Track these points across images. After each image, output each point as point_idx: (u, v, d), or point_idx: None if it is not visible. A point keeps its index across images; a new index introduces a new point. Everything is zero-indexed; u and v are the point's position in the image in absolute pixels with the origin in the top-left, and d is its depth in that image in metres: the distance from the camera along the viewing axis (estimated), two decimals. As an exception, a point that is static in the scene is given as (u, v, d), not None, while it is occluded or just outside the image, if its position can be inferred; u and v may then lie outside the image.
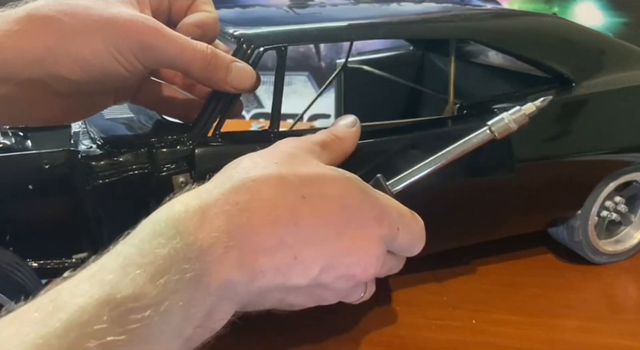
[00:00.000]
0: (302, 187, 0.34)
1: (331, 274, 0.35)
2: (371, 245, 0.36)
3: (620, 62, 0.53)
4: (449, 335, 0.45)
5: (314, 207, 0.34)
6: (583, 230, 0.51)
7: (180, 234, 0.30)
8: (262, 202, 0.33)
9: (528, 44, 0.50)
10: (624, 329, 0.45)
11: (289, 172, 0.34)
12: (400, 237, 0.38)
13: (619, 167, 0.50)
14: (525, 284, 0.51)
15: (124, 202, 0.40)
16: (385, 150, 0.44)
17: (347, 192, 0.35)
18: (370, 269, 0.36)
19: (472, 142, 0.42)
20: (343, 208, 0.35)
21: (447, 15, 0.52)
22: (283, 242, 0.33)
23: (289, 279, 0.33)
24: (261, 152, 0.37)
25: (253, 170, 0.34)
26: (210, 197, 0.32)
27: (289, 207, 0.33)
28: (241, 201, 0.32)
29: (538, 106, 0.43)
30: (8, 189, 0.40)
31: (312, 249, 0.34)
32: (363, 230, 0.35)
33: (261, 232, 0.32)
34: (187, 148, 0.41)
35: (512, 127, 0.42)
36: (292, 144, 0.38)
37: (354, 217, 0.35)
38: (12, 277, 0.38)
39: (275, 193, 0.33)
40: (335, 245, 0.34)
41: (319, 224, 0.34)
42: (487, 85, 0.57)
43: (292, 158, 0.36)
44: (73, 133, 0.44)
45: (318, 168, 0.36)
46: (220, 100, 0.42)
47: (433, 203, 0.43)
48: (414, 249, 0.40)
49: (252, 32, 0.43)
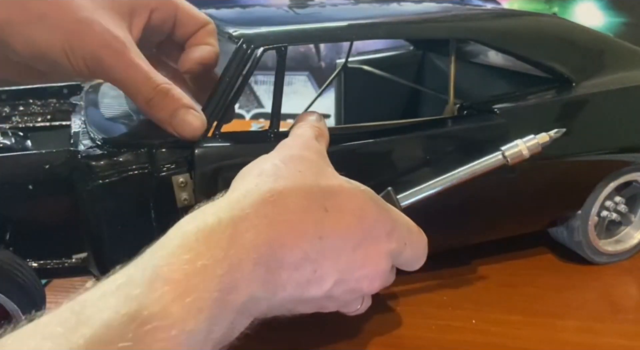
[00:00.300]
0: (324, 199, 0.34)
1: (342, 287, 0.35)
2: (381, 260, 0.36)
3: (620, 62, 0.53)
4: (449, 335, 0.45)
5: (335, 221, 0.34)
6: (583, 230, 0.51)
7: (210, 250, 0.30)
8: (290, 216, 0.33)
9: (528, 44, 0.50)
10: (624, 329, 0.45)
11: (313, 183, 0.35)
12: (407, 252, 0.38)
13: (619, 167, 0.50)
14: (526, 284, 0.51)
15: (124, 202, 0.40)
16: (385, 151, 0.44)
17: (364, 206, 0.36)
18: (376, 282, 0.37)
19: (484, 165, 0.43)
20: (360, 222, 0.35)
21: (447, 15, 0.52)
22: (307, 256, 0.33)
23: (306, 292, 0.34)
24: (279, 154, 0.37)
25: (279, 180, 0.34)
26: (240, 209, 0.32)
27: (313, 220, 0.34)
28: (270, 214, 0.32)
29: (552, 137, 0.43)
30: (8, 189, 0.40)
31: (330, 262, 0.34)
32: (376, 244, 0.36)
33: (288, 247, 0.32)
34: (187, 148, 0.41)
35: (525, 155, 0.43)
36: (304, 146, 0.38)
37: (369, 231, 0.36)
38: (12, 277, 0.38)
39: (302, 206, 0.33)
40: (350, 259, 0.35)
41: (339, 237, 0.34)
42: (487, 85, 0.57)
43: (312, 165, 0.36)
44: (73, 133, 0.44)
45: (335, 180, 0.36)
46: (218, 105, 0.42)
47: (433, 203, 0.43)
48: (416, 264, 0.40)
49: (252, 32, 0.43)
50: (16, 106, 0.53)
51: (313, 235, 0.33)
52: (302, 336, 0.44)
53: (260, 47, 0.42)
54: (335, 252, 0.34)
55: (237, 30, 0.44)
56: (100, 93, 0.51)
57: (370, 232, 0.36)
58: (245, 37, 0.42)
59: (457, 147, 0.46)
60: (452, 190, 0.43)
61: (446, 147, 0.42)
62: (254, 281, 0.31)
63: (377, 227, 0.36)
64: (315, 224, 0.33)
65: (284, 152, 0.37)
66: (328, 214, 0.34)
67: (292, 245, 0.32)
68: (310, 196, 0.34)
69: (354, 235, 0.35)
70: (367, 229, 0.35)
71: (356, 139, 0.44)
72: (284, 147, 0.38)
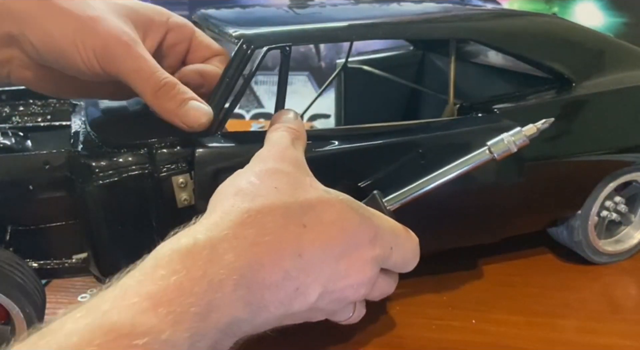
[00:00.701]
0: (302, 214, 0.34)
1: (327, 298, 0.35)
2: (365, 267, 0.36)
3: (620, 62, 0.53)
4: (449, 335, 0.45)
5: (314, 235, 0.34)
6: (583, 230, 0.51)
7: (186, 268, 0.30)
8: (268, 236, 0.33)
9: (528, 44, 0.50)
10: (624, 329, 0.45)
11: (289, 199, 0.34)
12: (394, 256, 0.38)
13: (619, 167, 0.50)
14: (525, 284, 0.51)
15: (124, 202, 0.40)
16: (385, 152, 0.44)
17: (344, 216, 0.36)
18: (361, 289, 0.37)
19: (471, 162, 0.42)
20: (340, 233, 0.35)
21: (447, 15, 0.52)
22: (287, 275, 0.33)
23: (290, 309, 0.34)
24: (254, 170, 0.37)
25: (256, 199, 0.34)
26: (218, 231, 0.32)
27: (292, 238, 0.33)
28: (248, 236, 0.32)
29: (539, 128, 0.42)
30: (8, 189, 0.40)
31: (313, 277, 0.34)
32: (359, 253, 0.36)
33: (268, 268, 0.32)
34: (187, 148, 0.41)
35: (512, 148, 0.41)
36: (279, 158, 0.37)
37: (350, 241, 0.36)
38: (12, 277, 0.38)
39: (280, 224, 0.33)
40: (333, 271, 0.35)
41: (319, 251, 0.34)
42: (487, 85, 0.57)
43: (288, 179, 0.36)
44: (73, 133, 0.44)
45: (313, 192, 0.36)
46: (218, 105, 0.42)
47: (432, 203, 0.43)
48: (408, 266, 0.40)
49: (252, 32, 0.43)
50: (16, 106, 0.53)
51: (292, 254, 0.33)
52: (302, 336, 0.43)
53: (261, 47, 0.42)
54: (317, 267, 0.34)
55: (237, 30, 0.44)
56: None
57: (352, 241, 0.36)
58: (245, 37, 0.42)
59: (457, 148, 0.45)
60: (452, 192, 0.43)
61: (446, 149, 0.42)
62: (236, 302, 0.31)
63: (358, 235, 0.36)
64: (294, 241, 0.33)
65: (259, 167, 0.37)
66: (306, 229, 0.34)
67: (272, 266, 0.32)
68: (287, 213, 0.34)
69: (335, 247, 0.35)
70: (348, 239, 0.35)
71: (355, 140, 0.44)
72: (259, 160, 0.38)
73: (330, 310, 0.37)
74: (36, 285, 0.40)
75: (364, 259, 0.36)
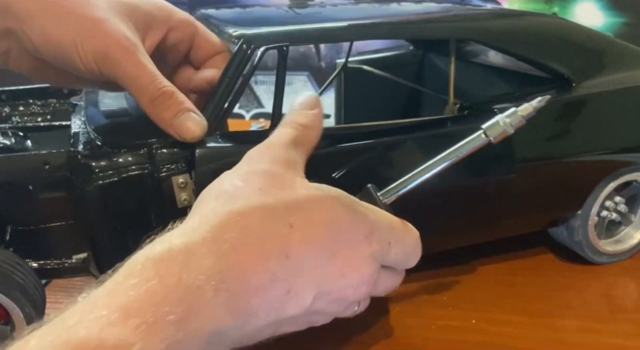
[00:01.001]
0: (289, 215, 0.33)
1: (324, 299, 0.34)
2: (362, 265, 0.35)
3: (620, 62, 0.53)
4: (449, 335, 0.45)
5: (303, 235, 0.33)
6: (583, 230, 0.51)
7: (160, 275, 0.28)
8: (251, 239, 0.31)
9: (528, 44, 0.50)
10: (624, 329, 0.45)
11: (274, 200, 0.33)
12: (393, 251, 0.37)
13: (619, 167, 0.50)
14: (525, 284, 0.51)
15: (123, 202, 0.40)
16: (385, 151, 0.44)
17: (335, 213, 0.34)
18: (362, 288, 0.35)
19: (467, 148, 0.40)
20: (332, 231, 0.34)
21: (447, 15, 0.52)
22: (275, 278, 0.31)
23: (283, 313, 0.32)
24: (240, 171, 0.36)
25: (237, 201, 0.33)
26: (196, 235, 0.30)
27: (278, 239, 0.32)
28: (229, 239, 0.31)
29: (535, 107, 0.41)
30: (8, 189, 0.40)
31: (304, 279, 0.33)
32: (353, 250, 0.34)
33: (252, 271, 0.31)
34: (187, 148, 0.41)
35: (508, 130, 0.40)
36: (268, 159, 0.36)
37: (344, 238, 0.34)
38: (12, 277, 0.38)
39: (264, 226, 0.32)
40: (327, 271, 0.34)
41: (310, 251, 0.33)
42: (487, 85, 0.57)
43: (275, 180, 0.35)
44: (73, 133, 0.44)
45: (303, 190, 0.35)
46: (218, 105, 0.42)
47: (432, 203, 0.43)
48: (410, 261, 0.39)
49: (252, 32, 0.43)
50: (16, 106, 0.53)
51: (278, 254, 0.32)
52: (302, 336, 0.43)
53: (261, 47, 0.42)
54: (308, 267, 0.33)
55: (237, 30, 0.44)
56: (100, 93, 0.51)
57: (346, 239, 0.34)
58: (245, 37, 0.42)
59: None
60: (452, 190, 0.43)
61: (446, 147, 0.42)
62: (218, 309, 0.29)
63: (352, 232, 0.35)
64: (279, 242, 0.32)
65: (245, 169, 0.36)
66: (293, 229, 0.32)
67: (256, 268, 0.31)
68: (272, 214, 0.32)
69: (326, 246, 0.33)
70: (341, 236, 0.34)
71: (356, 139, 0.44)
72: (247, 162, 0.37)
73: (331, 312, 0.36)
74: (36, 285, 0.40)
75: (360, 257, 0.35)
